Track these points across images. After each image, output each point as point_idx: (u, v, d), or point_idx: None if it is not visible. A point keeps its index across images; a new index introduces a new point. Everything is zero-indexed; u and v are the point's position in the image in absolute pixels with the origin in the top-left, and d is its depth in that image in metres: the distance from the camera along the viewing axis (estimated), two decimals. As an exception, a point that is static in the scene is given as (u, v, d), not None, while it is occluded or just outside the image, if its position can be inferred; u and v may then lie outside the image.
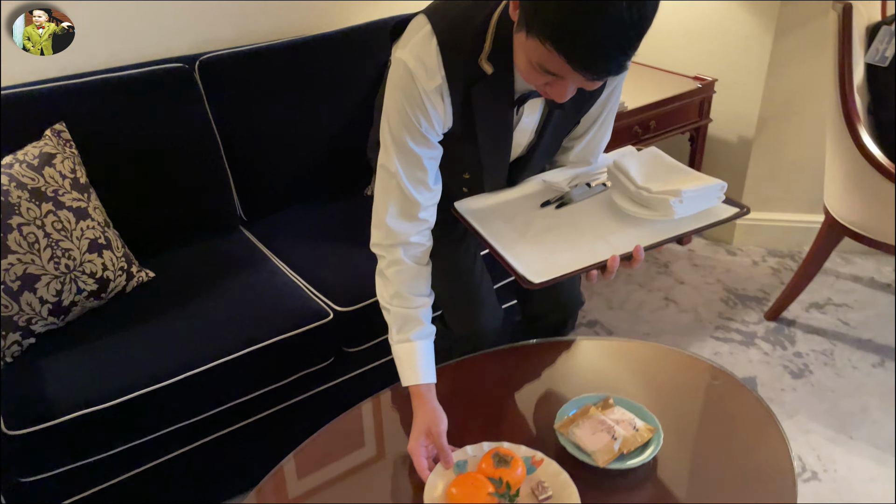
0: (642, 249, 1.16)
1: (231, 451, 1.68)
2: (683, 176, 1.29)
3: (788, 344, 2.21)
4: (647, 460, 1.19)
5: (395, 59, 1.14)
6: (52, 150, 1.63)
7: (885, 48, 2.01)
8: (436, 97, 1.13)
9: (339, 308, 1.70)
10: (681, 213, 1.21)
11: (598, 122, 1.37)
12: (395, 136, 1.17)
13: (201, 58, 1.95)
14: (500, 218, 1.33)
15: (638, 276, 2.54)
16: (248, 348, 1.57)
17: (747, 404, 1.35)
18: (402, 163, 1.18)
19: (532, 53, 0.97)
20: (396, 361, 1.26)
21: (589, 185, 1.38)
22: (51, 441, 1.38)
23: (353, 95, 2.11)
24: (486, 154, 1.27)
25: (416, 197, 1.21)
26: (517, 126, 1.25)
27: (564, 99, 1.03)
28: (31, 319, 1.52)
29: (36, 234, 1.53)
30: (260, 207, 2.08)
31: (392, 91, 1.15)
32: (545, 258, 1.21)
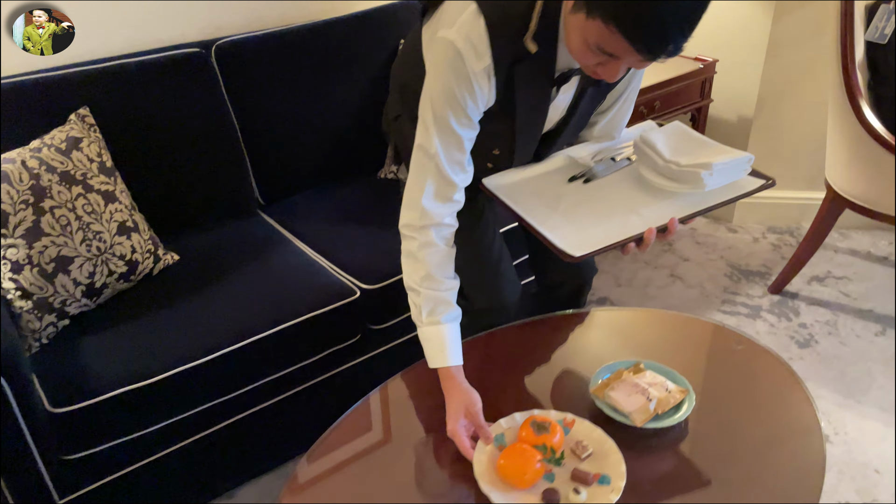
0: (677, 221, 1.20)
1: (263, 428, 1.70)
2: (710, 149, 1.33)
3: (793, 315, 2.28)
4: (682, 419, 1.24)
5: (439, 39, 1.14)
6: (78, 135, 1.65)
7: (884, 26, 2.07)
8: (483, 78, 1.14)
9: (365, 286, 1.73)
10: (711, 185, 1.25)
11: (622, 97, 1.41)
12: (438, 116, 1.17)
13: (217, 42, 1.96)
14: (529, 193, 1.36)
15: (644, 255, 2.59)
16: (278, 326, 1.60)
17: (771, 367, 1.40)
18: (442, 144, 1.19)
19: (590, 34, 0.99)
20: (424, 343, 1.27)
21: (614, 160, 1.42)
22: (93, 418, 1.40)
23: (366, 79, 2.14)
24: (520, 130, 1.29)
25: (454, 178, 1.22)
26: (552, 103, 1.28)
27: (615, 79, 1.06)
28: (66, 301, 1.54)
29: (68, 216, 1.54)
30: (277, 191, 2.10)
31: (438, 71, 1.16)
32: (581, 231, 1.24)
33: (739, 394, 1.35)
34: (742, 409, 1.31)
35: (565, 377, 1.41)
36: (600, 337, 1.53)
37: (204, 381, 1.53)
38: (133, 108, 1.81)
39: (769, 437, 1.25)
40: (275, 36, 2.01)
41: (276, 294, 1.68)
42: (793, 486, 1.15)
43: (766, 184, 1.29)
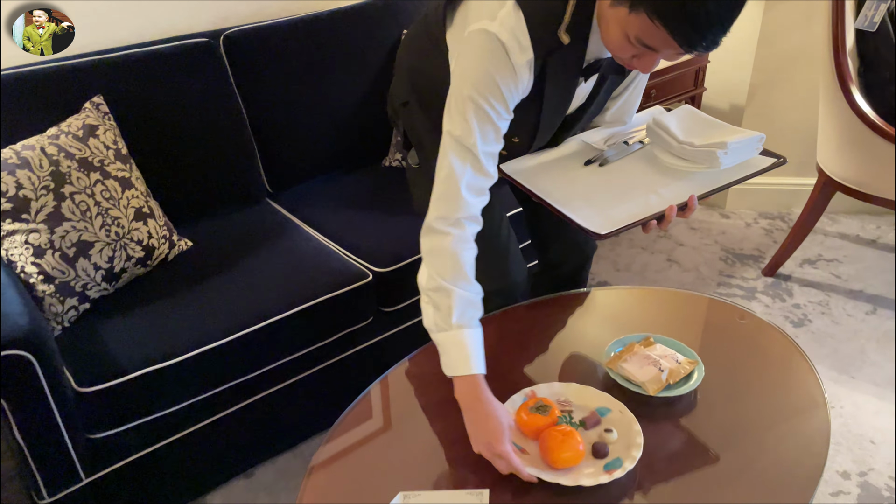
0: (696, 198, 1.25)
1: (280, 408, 1.74)
2: (722, 130, 1.38)
3: (787, 297, 2.35)
4: (693, 388, 1.29)
5: (481, 32, 1.14)
6: (94, 122, 1.67)
7: (872, 14, 2.14)
8: (525, 70, 1.16)
9: (378, 269, 1.77)
10: (726, 163, 1.31)
11: (633, 83, 1.45)
12: (478, 107, 1.16)
13: (225, 32, 1.99)
14: (547, 177, 1.40)
15: (641, 241, 2.65)
16: (294, 308, 1.64)
17: (775, 340, 1.46)
18: (482, 135, 1.18)
19: (631, 28, 1.03)
20: (449, 348, 1.18)
21: (626, 144, 1.47)
22: (118, 398, 1.44)
23: (369, 68, 2.18)
24: (545, 119, 1.32)
25: (490, 170, 1.21)
26: (576, 92, 1.32)
27: (649, 70, 1.10)
28: (87, 285, 1.57)
29: (87, 202, 1.57)
30: (284, 179, 2.13)
31: (478, 63, 1.15)
32: (602, 212, 1.29)
33: (745, 365, 1.41)
34: (748, 380, 1.37)
35: (576, 352, 1.46)
36: (607, 314, 1.58)
37: (223, 363, 1.56)
38: (144, 96, 1.84)
39: (776, 406, 1.30)
40: (281, 26, 2.05)
41: (291, 278, 1.71)
42: (799, 453, 1.21)
43: (779, 161, 1.35)
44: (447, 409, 1.22)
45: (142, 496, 1.60)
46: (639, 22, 1.01)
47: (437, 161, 1.22)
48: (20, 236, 1.49)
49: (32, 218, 1.50)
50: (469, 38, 1.17)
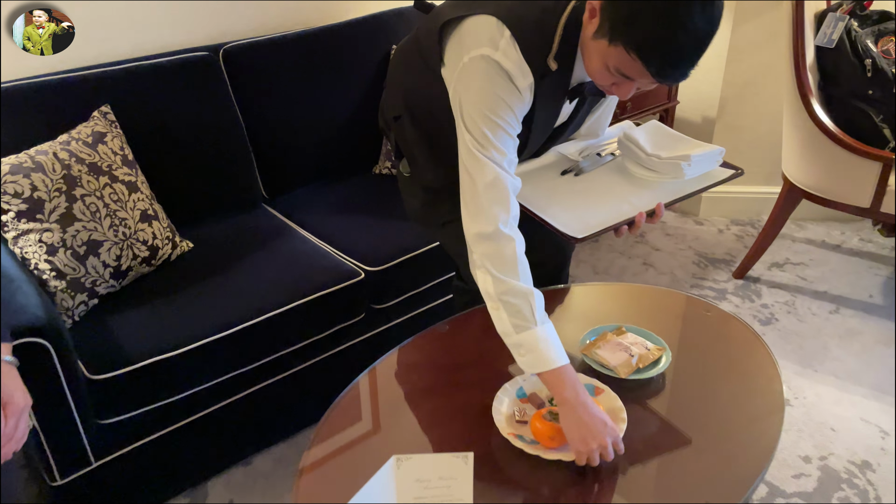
0: (663, 206, 1.37)
1: (277, 399, 1.84)
2: (685, 143, 1.51)
3: (755, 297, 2.48)
4: (660, 371, 1.41)
5: (483, 58, 1.22)
6: (102, 130, 1.78)
7: (831, 32, 2.29)
8: (528, 92, 1.27)
9: (369, 268, 1.88)
10: (689, 174, 1.43)
11: (606, 101, 1.57)
12: (494, 124, 1.24)
13: (225, 46, 2.11)
14: (527, 185, 1.50)
15: (619, 246, 2.78)
16: (290, 304, 1.74)
17: (736, 329, 1.59)
18: (504, 146, 1.25)
19: (611, 59, 1.13)
20: (538, 344, 1.21)
21: (599, 155, 1.59)
22: (127, 386, 1.53)
23: (361, 80, 2.30)
24: (533, 136, 1.43)
25: (513, 180, 1.28)
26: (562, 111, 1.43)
27: (627, 97, 1.21)
28: (96, 282, 1.67)
29: (97, 203, 1.68)
30: (279, 185, 2.24)
31: (488, 86, 1.23)
32: (578, 217, 1.40)
33: (709, 351, 1.53)
34: (712, 364, 1.49)
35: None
36: (585, 308, 1.70)
37: (223, 354, 1.67)
38: (149, 106, 1.95)
39: (736, 385, 1.43)
40: (278, 41, 2.17)
41: (287, 276, 1.82)
42: (757, 425, 1.33)
43: (737, 173, 1.47)
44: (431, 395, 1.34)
45: (146, 480, 1.69)
46: (617, 54, 1.12)
47: (469, 175, 1.27)
48: (34, 235, 1.59)
49: (46, 218, 1.60)
50: (472, 63, 1.24)
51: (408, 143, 1.59)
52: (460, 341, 1.54)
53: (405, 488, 1.09)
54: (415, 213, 1.64)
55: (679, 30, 1.05)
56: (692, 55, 1.09)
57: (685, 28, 1.05)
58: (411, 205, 1.64)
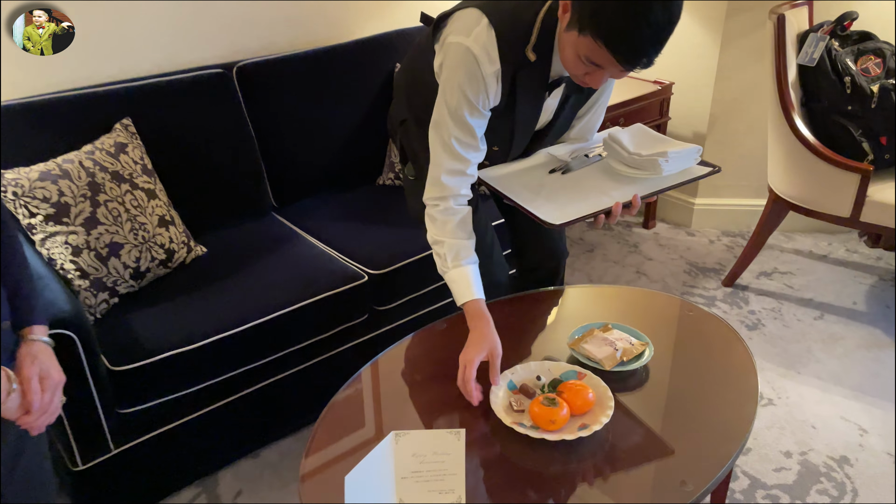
0: (639, 197, 1.48)
1: (284, 395, 1.95)
2: (666, 143, 1.63)
3: (743, 304, 2.58)
4: (643, 364, 1.52)
5: (456, 45, 1.37)
6: (123, 141, 1.90)
7: (812, 51, 2.42)
8: (493, 79, 1.40)
9: (371, 271, 1.99)
10: (667, 170, 1.54)
11: (596, 105, 1.69)
12: (452, 108, 1.41)
13: (238, 64, 2.24)
14: (517, 182, 1.64)
15: (613, 255, 2.89)
16: (297, 304, 1.85)
17: (717, 327, 1.69)
18: (456, 131, 1.43)
19: (581, 49, 1.25)
20: (452, 285, 1.50)
21: (587, 156, 1.71)
22: (146, 377, 1.64)
23: (365, 96, 2.43)
24: (517, 129, 1.56)
25: (466, 156, 1.47)
26: (544, 105, 1.55)
27: (598, 86, 1.34)
28: (117, 281, 1.78)
29: (118, 209, 1.80)
30: (288, 194, 2.37)
31: (454, 72, 1.39)
32: (560, 208, 1.51)
33: (690, 346, 1.64)
34: (692, 357, 1.59)
35: (548, 336, 1.68)
36: (576, 306, 1.81)
37: (234, 350, 1.77)
38: (167, 119, 2.07)
39: (714, 376, 1.53)
40: (288, 59, 2.30)
41: (294, 278, 1.93)
42: (734, 410, 1.42)
43: (713, 171, 1.58)
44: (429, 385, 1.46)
45: (162, 469, 1.79)
46: (587, 43, 1.24)
47: (434, 147, 1.49)
48: (61, 237, 1.71)
49: (72, 221, 1.72)
50: (447, 48, 1.40)
51: (412, 145, 1.70)
52: (457, 337, 1.64)
53: (402, 462, 1.19)
54: (418, 213, 1.75)
55: (641, 22, 1.17)
56: (654, 45, 1.21)
57: (647, 20, 1.17)
58: (414, 206, 1.75)
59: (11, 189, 1.68)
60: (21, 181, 1.70)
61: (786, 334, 2.42)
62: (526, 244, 1.95)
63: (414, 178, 1.73)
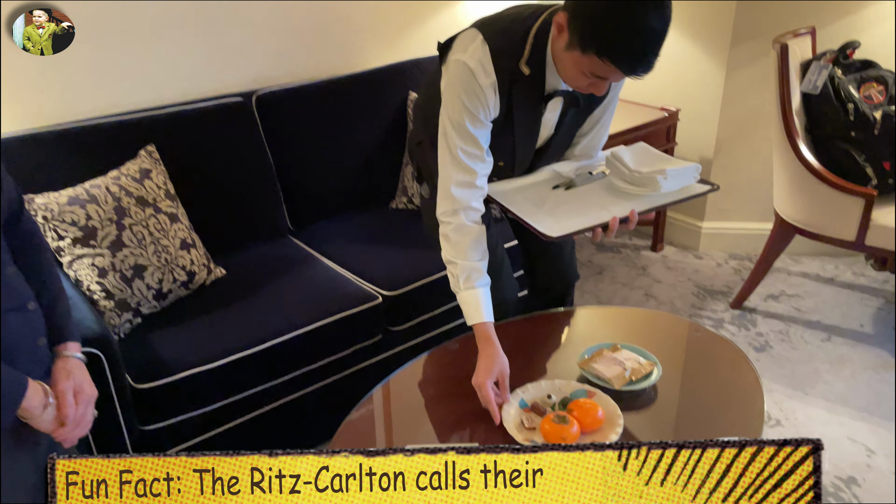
0: (637, 213, 1.51)
1: (301, 413, 1.99)
2: (666, 161, 1.68)
3: (751, 326, 2.62)
4: (651, 383, 1.56)
5: (455, 62, 1.46)
6: (148, 167, 1.98)
7: (815, 79, 2.47)
8: (490, 90, 1.47)
9: (386, 293, 2.05)
10: (665, 187, 1.58)
11: (600, 123, 1.73)
12: (454, 121, 1.49)
13: (257, 93, 2.32)
14: (520, 196, 1.67)
15: (621, 277, 2.94)
16: (314, 324, 1.91)
17: (724, 348, 1.73)
18: (461, 142, 1.50)
19: (585, 65, 1.33)
20: (463, 305, 1.56)
21: (591, 174, 1.75)
22: (167, 395, 1.69)
23: (379, 123, 2.50)
24: (519, 143, 1.62)
25: (473, 167, 1.52)
26: (542, 120, 1.60)
27: (602, 93, 1.42)
28: (140, 302, 1.84)
29: (143, 232, 1.86)
30: (304, 218, 2.43)
31: (454, 86, 1.47)
32: (559, 221, 1.55)
33: (698, 367, 1.68)
34: (700, 378, 1.63)
35: (559, 355, 1.73)
36: (585, 327, 1.85)
37: (254, 368, 1.83)
38: (189, 146, 2.15)
39: (721, 396, 1.57)
40: (306, 88, 2.38)
41: (310, 299, 1.99)
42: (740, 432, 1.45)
43: (712, 188, 1.62)
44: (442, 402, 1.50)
45: (181, 486, 1.83)
46: (590, 61, 1.32)
47: (442, 164, 1.56)
48: (87, 259, 1.78)
49: (98, 244, 1.79)
50: (448, 66, 1.50)
51: (427, 165, 1.76)
52: (469, 356, 1.68)
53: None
54: (433, 232, 1.81)
55: (642, 33, 1.27)
56: (653, 51, 1.30)
57: (644, 30, 1.26)
58: (430, 224, 1.80)
59: (41, 213, 1.75)
60: (51, 205, 1.77)
61: (793, 356, 2.45)
62: (537, 266, 2.00)
63: (429, 197, 1.79)
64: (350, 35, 2.65)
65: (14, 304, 1.07)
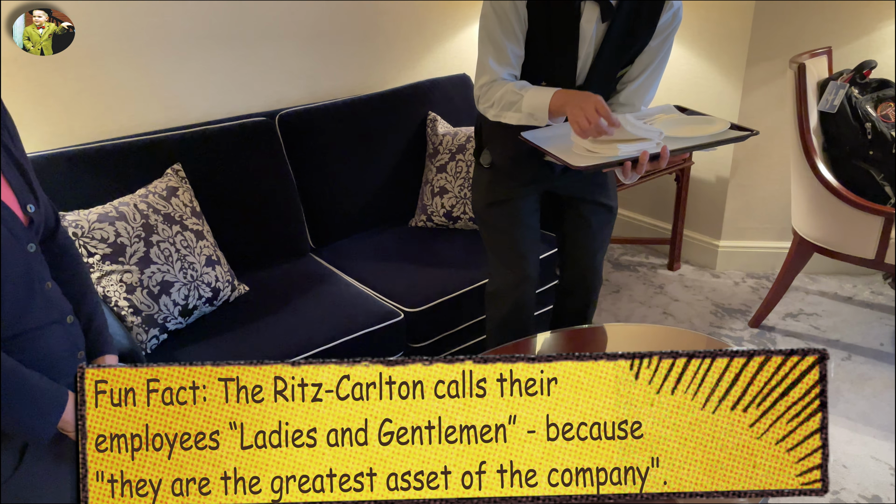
0: (668, 149, 1.49)
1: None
2: (709, 124, 1.66)
3: (770, 345, 2.61)
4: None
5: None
6: (175, 185, 2.01)
7: (832, 98, 2.49)
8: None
9: (407, 309, 2.07)
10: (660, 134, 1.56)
11: (650, 69, 1.71)
12: (489, 18, 1.65)
13: (280, 113, 2.36)
14: (554, 140, 1.65)
15: (639, 296, 2.94)
16: (336, 341, 1.93)
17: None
18: (501, 29, 1.64)
19: None
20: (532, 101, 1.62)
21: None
22: (194, 410, 1.71)
23: (400, 143, 2.53)
24: (556, 52, 1.64)
25: (507, 46, 1.65)
26: (581, 31, 1.61)
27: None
28: (167, 318, 1.87)
29: (170, 249, 1.89)
30: (326, 236, 2.46)
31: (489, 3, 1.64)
32: (588, 157, 1.54)
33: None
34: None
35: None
36: (614, 343, 1.86)
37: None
38: (214, 165, 2.19)
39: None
40: (328, 108, 2.42)
41: (332, 316, 2.01)
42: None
43: (751, 133, 1.61)
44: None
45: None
46: None
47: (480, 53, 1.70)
48: (116, 276, 1.81)
49: (127, 260, 1.82)
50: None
51: (486, 128, 1.85)
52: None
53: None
54: (478, 203, 1.93)
55: None
56: None
57: None
58: (477, 199, 1.93)
59: (71, 230, 1.79)
60: (81, 223, 1.80)
61: (813, 375, 2.44)
62: (567, 258, 2.03)
63: (486, 167, 1.87)
64: (371, 56, 2.69)
65: (54, 317, 1.10)
